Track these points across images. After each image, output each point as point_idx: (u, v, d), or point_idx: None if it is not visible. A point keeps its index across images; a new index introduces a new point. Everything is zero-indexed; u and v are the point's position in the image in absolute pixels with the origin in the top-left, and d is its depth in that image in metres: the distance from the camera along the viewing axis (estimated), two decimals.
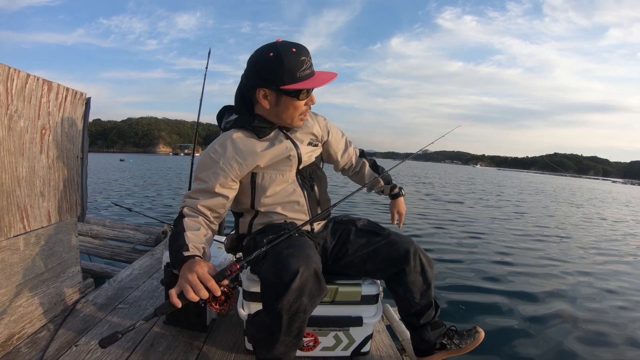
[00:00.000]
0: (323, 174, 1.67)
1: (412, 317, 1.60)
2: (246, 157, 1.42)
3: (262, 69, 1.33)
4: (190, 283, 1.03)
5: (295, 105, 1.39)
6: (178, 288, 1.05)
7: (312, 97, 1.43)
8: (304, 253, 1.21)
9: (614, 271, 5.73)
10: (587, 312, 3.92)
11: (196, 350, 1.70)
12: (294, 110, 1.41)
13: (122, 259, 3.67)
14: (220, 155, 1.42)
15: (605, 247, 7.68)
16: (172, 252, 1.23)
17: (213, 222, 1.42)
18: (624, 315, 3.90)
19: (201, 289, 1.03)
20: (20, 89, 1.60)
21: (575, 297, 4.31)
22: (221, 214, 1.45)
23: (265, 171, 1.46)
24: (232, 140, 1.44)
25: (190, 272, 1.05)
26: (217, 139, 1.49)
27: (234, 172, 1.41)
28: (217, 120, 1.60)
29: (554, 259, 6.18)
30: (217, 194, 1.40)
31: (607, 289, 4.74)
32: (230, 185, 1.42)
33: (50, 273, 1.88)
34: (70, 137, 1.97)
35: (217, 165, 1.40)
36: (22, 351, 1.59)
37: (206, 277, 1.05)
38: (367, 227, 1.63)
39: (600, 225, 11.19)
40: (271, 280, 1.19)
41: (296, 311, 1.19)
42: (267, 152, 1.44)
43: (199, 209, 1.37)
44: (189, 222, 1.31)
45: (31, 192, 1.71)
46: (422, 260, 1.53)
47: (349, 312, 1.62)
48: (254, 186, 1.48)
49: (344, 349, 1.68)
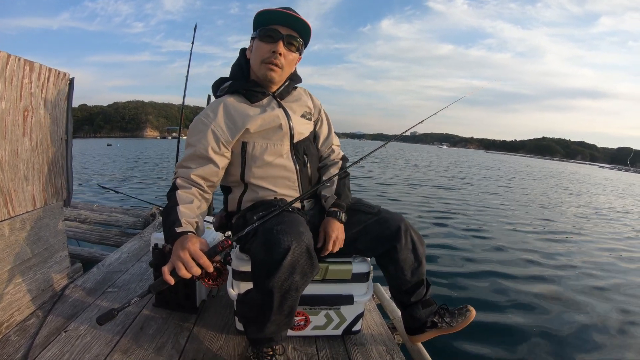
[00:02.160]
0: (316, 151, 1.65)
1: (403, 295, 1.61)
2: (237, 120, 1.42)
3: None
4: (182, 260, 1.03)
5: (258, 47, 1.43)
6: (170, 265, 1.04)
7: (279, 45, 1.41)
8: (295, 229, 1.20)
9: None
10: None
11: (186, 332, 1.70)
12: (257, 55, 1.44)
13: (111, 243, 3.63)
14: (211, 119, 1.41)
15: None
16: (165, 227, 1.21)
17: (207, 192, 1.40)
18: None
19: (193, 265, 1.03)
20: (1, 70, 1.54)
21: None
22: (215, 182, 1.44)
23: (256, 140, 1.45)
24: (225, 104, 1.45)
25: (182, 250, 1.05)
26: (210, 104, 1.49)
27: (225, 136, 1.40)
28: (213, 90, 1.61)
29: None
30: (208, 159, 1.38)
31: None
32: (222, 152, 1.41)
33: (37, 259, 1.85)
34: (54, 118, 1.92)
35: (208, 129, 1.39)
36: (12, 339, 1.58)
37: (198, 253, 1.05)
38: (356, 205, 1.62)
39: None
40: (262, 258, 1.18)
41: (288, 289, 1.18)
42: (257, 117, 1.43)
43: (192, 179, 1.35)
44: (182, 194, 1.29)
45: (14, 176, 1.67)
46: (413, 237, 1.52)
47: (339, 291, 1.62)
48: (245, 155, 1.46)
49: (335, 327, 1.69)
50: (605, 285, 4.31)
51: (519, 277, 4.35)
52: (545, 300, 3.73)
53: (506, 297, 3.74)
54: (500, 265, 4.69)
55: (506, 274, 4.40)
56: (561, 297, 3.85)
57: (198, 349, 1.60)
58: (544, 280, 4.33)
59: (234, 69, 1.55)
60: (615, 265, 5.25)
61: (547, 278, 4.41)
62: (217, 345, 1.63)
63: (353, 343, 1.71)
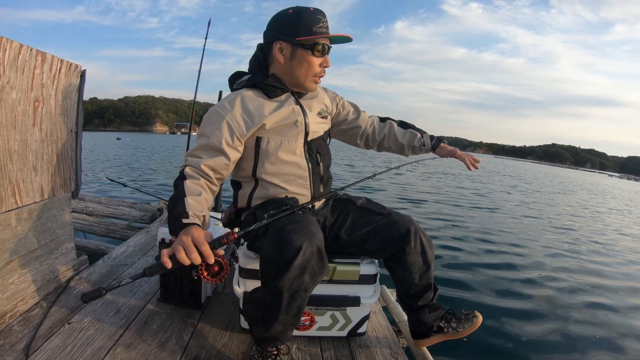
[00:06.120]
0: (329, 151, 1.63)
1: (410, 299, 1.59)
2: (253, 115, 1.39)
3: (280, 24, 1.38)
4: (183, 244, 0.99)
5: (309, 61, 1.38)
6: (171, 250, 1.00)
7: (327, 59, 1.42)
8: (307, 229, 1.18)
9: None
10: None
11: (190, 328, 1.69)
12: (307, 68, 1.40)
13: (117, 236, 3.64)
14: (227, 111, 1.38)
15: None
16: (171, 217, 1.16)
17: (215, 184, 1.37)
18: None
19: (193, 251, 0.98)
20: (13, 60, 1.54)
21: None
22: (224, 176, 1.41)
23: (270, 136, 1.43)
24: (242, 97, 1.42)
25: (186, 235, 1.01)
26: (226, 96, 1.46)
27: (240, 129, 1.37)
28: (229, 83, 1.58)
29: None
30: (221, 151, 1.35)
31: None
32: (235, 145, 1.38)
33: (43, 249, 1.85)
34: (65, 110, 1.92)
35: (224, 121, 1.36)
36: (15, 329, 1.57)
37: (201, 240, 1.00)
38: (366, 205, 1.61)
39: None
40: (272, 257, 1.16)
41: (297, 289, 1.16)
42: (274, 114, 1.41)
43: (202, 169, 1.31)
44: (190, 185, 1.24)
45: (23, 167, 1.67)
46: (422, 240, 1.51)
47: (346, 292, 1.61)
48: (258, 151, 1.43)
49: (340, 329, 1.67)
50: None
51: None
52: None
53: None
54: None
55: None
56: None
57: (202, 345, 1.59)
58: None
59: (252, 63, 1.52)
60: None
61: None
62: (221, 343, 1.62)
63: (358, 345, 1.69)
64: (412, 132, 1.77)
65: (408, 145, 1.77)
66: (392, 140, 1.79)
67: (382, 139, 1.80)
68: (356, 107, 1.78)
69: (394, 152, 1.82)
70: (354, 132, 1.78)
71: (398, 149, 1.79)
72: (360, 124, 1.76)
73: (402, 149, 1.78)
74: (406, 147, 1.77)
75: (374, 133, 1.79)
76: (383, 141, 1.80)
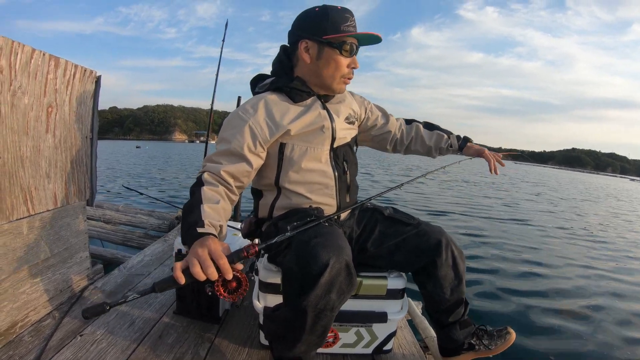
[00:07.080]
0: (355, 159, 1.54)
1: (441, 315, 1.49)
2: (278, 120, 1.31)
3: (306, 22, 1.32)
4: (199, 257, 0.88)
5: (337, 60, 1.31)
6: (184, 262, 0.90)
7: (355, 60, 1.35)
8: (335, 243, 1.08)
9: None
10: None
11: (207, 343, 1.61)
12: (335, 68, 1.32)
13: (134, 245, 3.60)
14: (250, 115, 1.30)
15: None
16: (185, 225, 1.05)
17: (234, 193, 1.28)
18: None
19: (210, 265, 0.88)
20: (25, 64, 1.50)
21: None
22: (244, 184, 1.32)
23: (295, 142, 1.34)
24: (266, 101, 1.33)
25: (202, 247, 0.91)
26: (248, 100, 1.38)
27: (263, 135, 1.29)
28: (251, 86, 1.50)
29: None
30: (242, 157, 1.26)
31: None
32: (257, 151, 1.29)
33: (57, 258, 1.80)
34: (79, 116, 1.87)
35: (246, 125, 1.28)
36: (25, 340, 1.52)
37: (218, 253, 0.90)
38: (395, 215, 1.51)
39: None
40: (296, 272, 1.06)
41: (323, 308, 1.06)
42: (300, 119, 1.32)
43: (222, 176, 1.22)
44: (208, 192, 1.15)
45: (36, 174, 1.62)
46: (454, 252, 1.40)
47: (372, 307, 1.50)
48: (282, 158, 1.34)
49: (365, 346, 1.57)
50: None
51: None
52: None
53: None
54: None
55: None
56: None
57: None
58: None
59: (275, 65, 1.44)
60: None
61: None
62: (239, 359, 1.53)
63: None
64: (439, 133, 1.74)
65: (435, 147, 1.74)
66: (420, 143, 1.75)
67: (409, 142, 1.76)
68: (384, 110, 1.71)
69: (421, 154, 1.78)
70: (383, 138, 1.72)
71: (425, 151, 1.75)
72: (390, 128, 1.71)
73: (430, 151, 1.74)
74: (434, 149, 1.74)
75: (402, 137, 1.74)
76: (410, 144, 1.76)
